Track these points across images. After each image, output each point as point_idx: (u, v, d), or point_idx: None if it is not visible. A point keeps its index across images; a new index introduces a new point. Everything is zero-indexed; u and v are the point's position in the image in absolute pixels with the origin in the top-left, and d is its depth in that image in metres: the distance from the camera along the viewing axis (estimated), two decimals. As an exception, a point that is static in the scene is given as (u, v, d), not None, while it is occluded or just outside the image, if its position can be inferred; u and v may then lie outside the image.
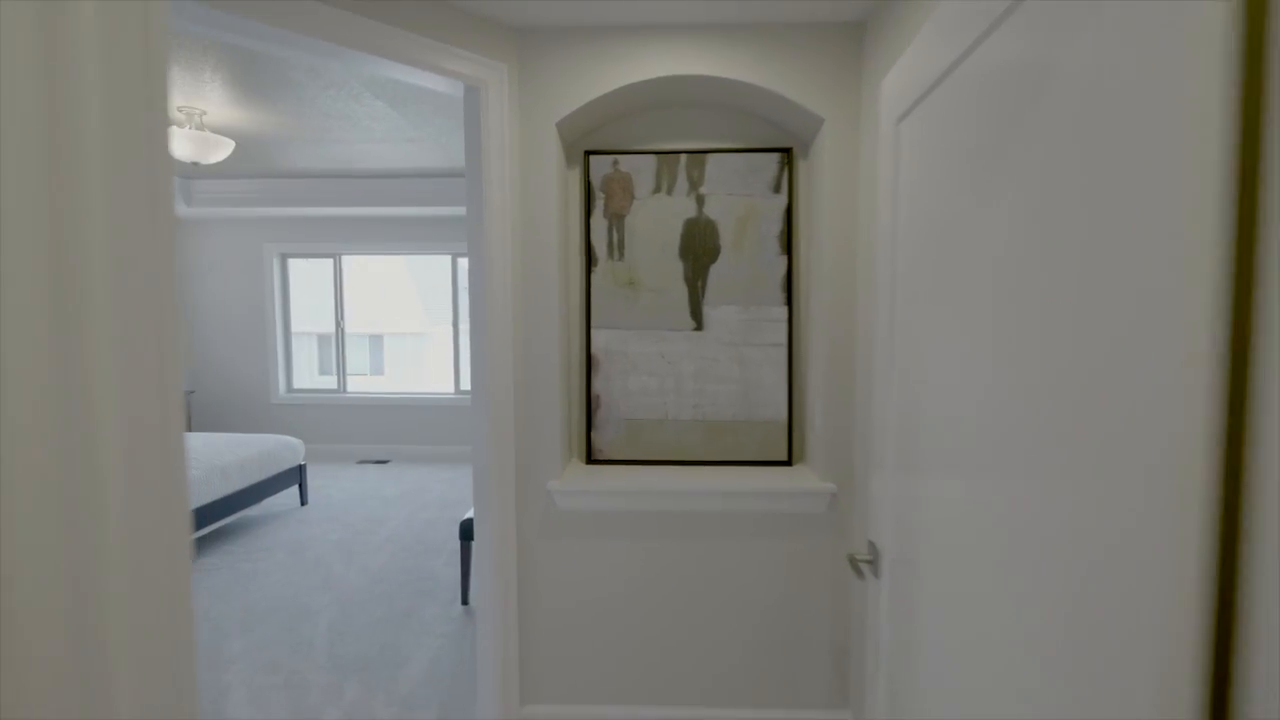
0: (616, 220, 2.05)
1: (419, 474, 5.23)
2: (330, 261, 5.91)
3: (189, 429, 5.23)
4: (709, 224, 2.04)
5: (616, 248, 2.06)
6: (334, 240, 5.75)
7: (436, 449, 5.82)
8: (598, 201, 2.05)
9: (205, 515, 3.40)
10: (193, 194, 5.13)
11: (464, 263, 5.80)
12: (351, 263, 6.03)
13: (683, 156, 2.03)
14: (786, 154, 2.01)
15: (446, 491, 4.71)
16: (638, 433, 2.07)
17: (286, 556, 3.44)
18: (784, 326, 2.03)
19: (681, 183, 2.03)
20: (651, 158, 2.04)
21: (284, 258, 5.89)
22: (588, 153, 2.05)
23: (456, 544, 3.60)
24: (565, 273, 1.99)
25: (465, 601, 2.85)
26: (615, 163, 2.04)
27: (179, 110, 3.22)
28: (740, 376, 2.05)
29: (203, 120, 3.33)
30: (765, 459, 2.05)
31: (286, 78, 2.85)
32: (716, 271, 2.04)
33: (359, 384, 6.14)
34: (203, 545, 3.56)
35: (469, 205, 1.79)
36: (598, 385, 2.07)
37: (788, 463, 2.05)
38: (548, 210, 1.86)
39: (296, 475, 4.27)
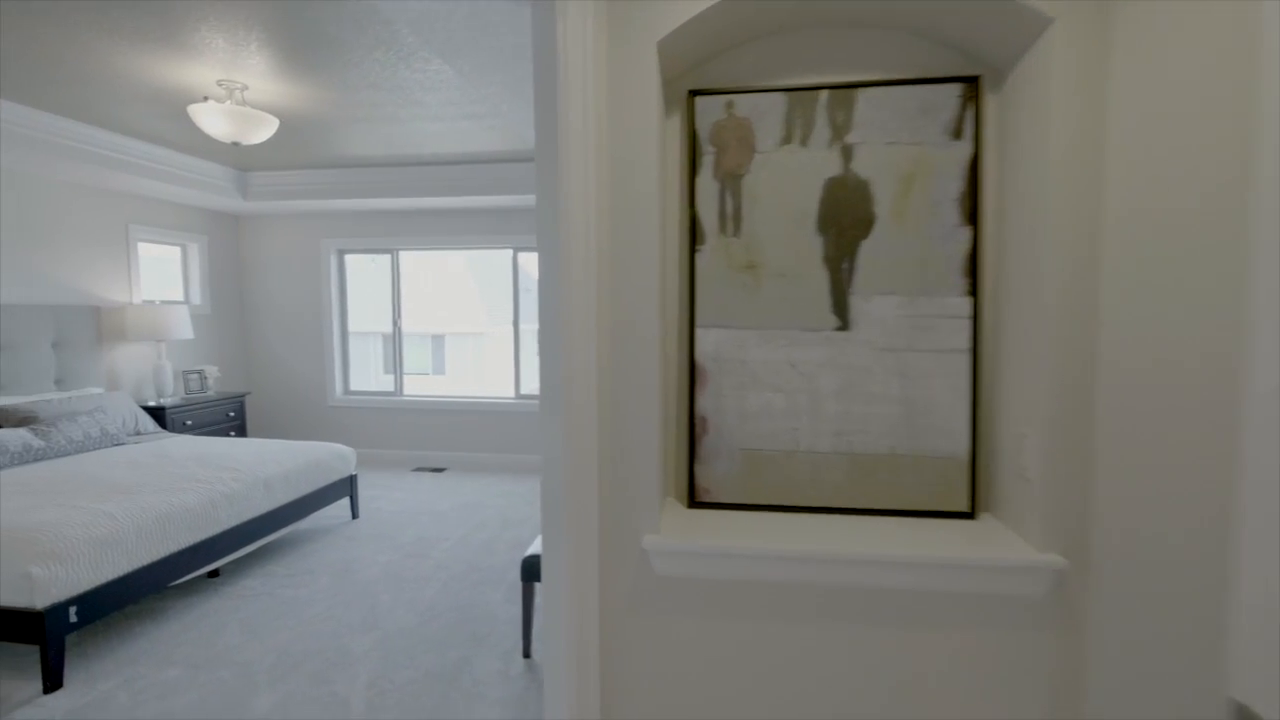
0: (730, 182, 1.53)
1: (476, 485, 4.86)
2: (388, 258, 5.65)
3: (244, 433, 5.06)
4: (859, 185, 1.49)
5: (730, 219, 1.53)
6: (391, 235, 5.48)
7: (495, 457, 5.46)
8: (705, 158, 1.54)
9: (246, 533, 3.09)
10: (248, 187, 4.94)
11: (525, 258, 5.41)
12: (410, 260, 5.75)
13: (823, 94, 1.49)
14: (972, 85, 1.44)
15: (505, 507, 4.30)
16: (758, 468, 1.54)
17: (331, 582, 3.09)
18: (965, 325, 1.46)
19: (821, 129, 1.49)
20: (779, 97, 1.50)
21: (341, 254, 5.67)
22: (693, 93, 1.53)
23: (516, 573, 3.17)
24: (662, 254, 1.48)
25: (527, 654, 2.39)
26: (729, 105, 1.52)
27: (219, 85, 2.91)
28: (902, 394, 1.49)
29: (244, 96, 3.02)
30: (936, 508, 1.48)
31: (331, 39, 2.48)
32: (870, 250, 1.49)
33: (419, 385, 5.88)
34: (243, 566, 3.26)
35: (539, 162, 1.30)
36: (704, 403, 1.55)
37: (969, 514, 1.47)
38: (645, 165, 1.36)
39: (347, 487, 3.95)
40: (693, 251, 1.55)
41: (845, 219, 1.49)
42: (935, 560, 1.29)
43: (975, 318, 1.45)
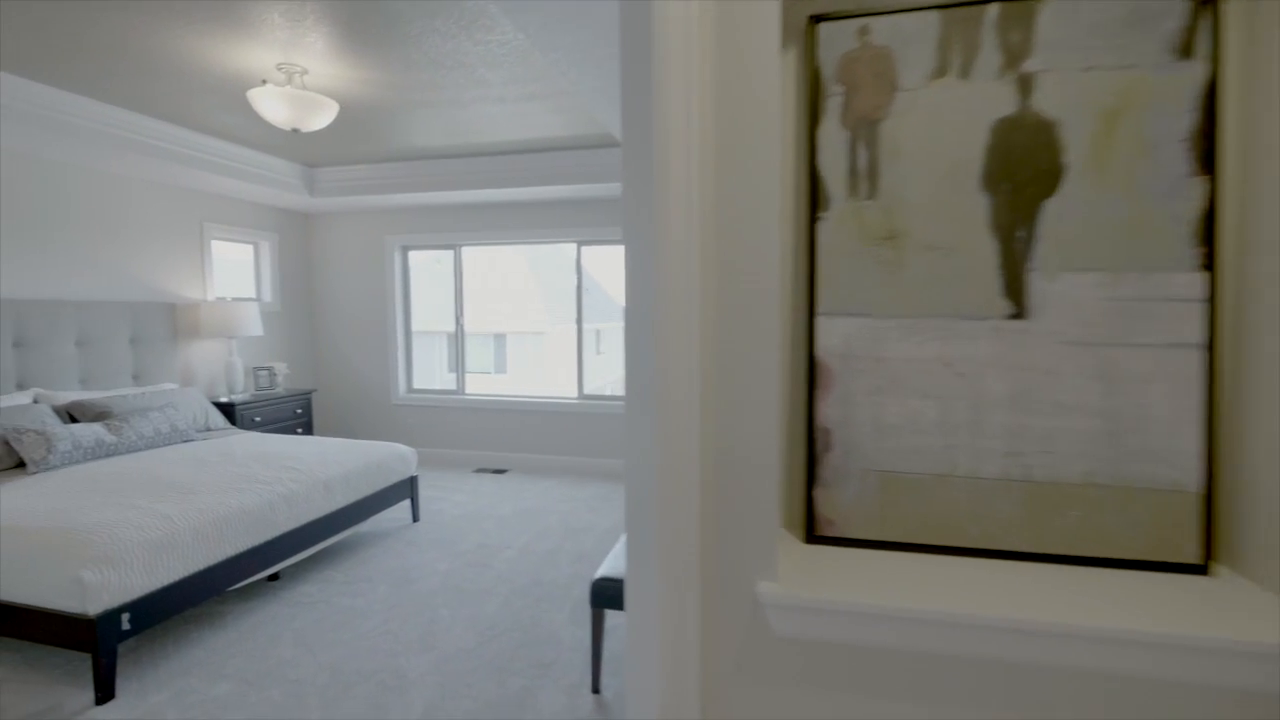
0: (864, 130, 1.20)
1: (539, 489, 4.66)
2: (450, 253, 5.55)
3: (310, 430, 5.05)
4: (1042, 126, 1.13)
5: (864, 178, 1.20)
6: (453, 230, 5.37)
7: (557, 459, 5.26)
8: (830, 101, 1.21)
9: (305, 537, 2.97)
10: (315, 183, 4.93)
11: (591, 251, 5.19)
12: (472, 259, 5.63)
13: (991, 7, 1.14)
14: (1209, -17, 1.05)
15: (568, 514, 4.08)
16: (898, 496, 1.20)
17: (389, 591, 2.92)
18: (1198, 310, 1.07)
19: (989, 55, 1.14)
20: (931, 16, 1.16)
21: (405, 250, 5.61)
22: (814, 19, 1.21)
23: (581, 590, 2.92)
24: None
25: (596, 689, 2.12)
26: (863, 31, 1.19)
27: (278, 69, 2.79)
28: (1102, 404, 1.11)
29: (304, 80, 2.90)
30: (1151, 557, 1.10)
31: (389, 9, 2.29)
32: (1056, 211, 1.12)
33: (481, 384, 5.77)
34: (302, 570, 3.15)
35: (626, 107, 1.01)
36: (827, 412, 1.23)
37: (1200, 568, 1.09)
38: (761, 111, 1.05)
39: (408, 489, 3.82)
40: (812, 220, 1.23)
41: (1022, 172, 1.13)
42: (1154, 637, 0.92)
43: (1212, 301, 1.07)
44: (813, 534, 1.24)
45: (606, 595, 2.05)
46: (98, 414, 3.52)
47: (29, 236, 3.59)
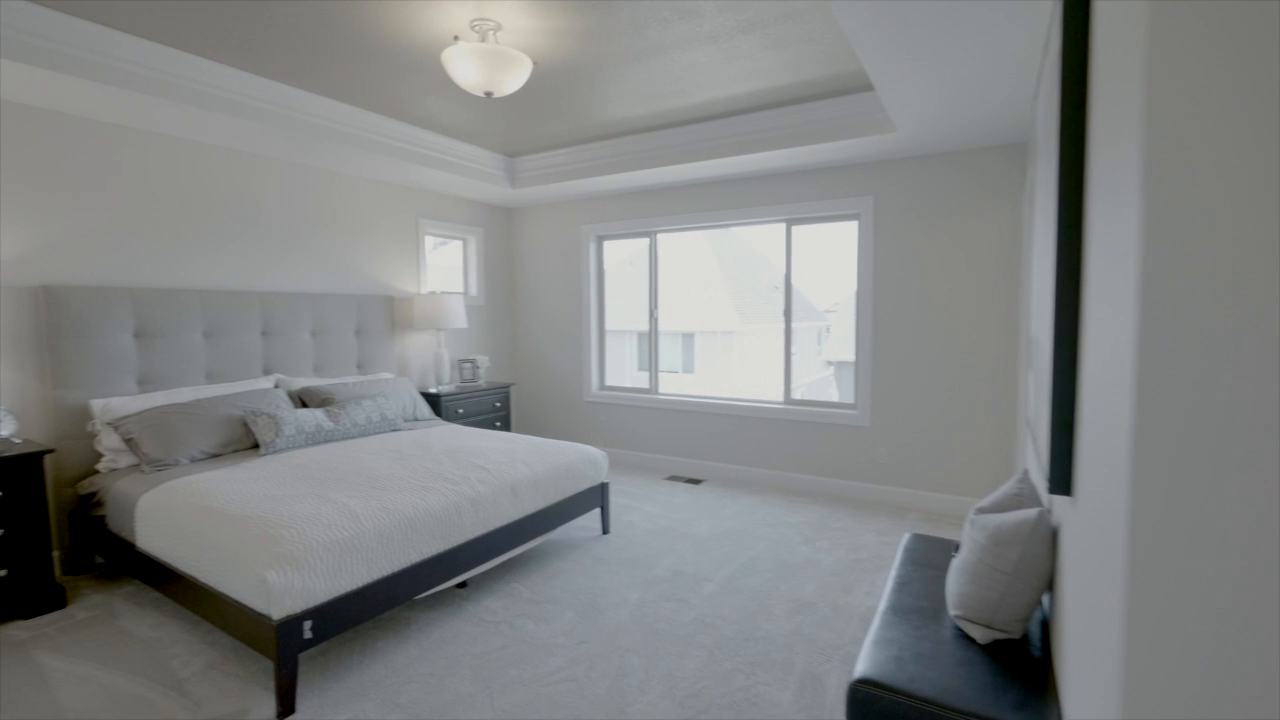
0: None
1: (739, 507, 4.03)
2: (645, 242, 5.17)
3: (508, 424, 5.01)
4: None
5: None
6: (649, 216, 4.97)
7: (759, 472, 4.58)
8: None
9: (490, 545, 2.69)
10: (516, 174, 4.86)
11: (801, 231, 4.42)
12: (665, 253, 5.19)
13: None
14: None
15: (777, 543, 3.38)
16: None
17: (575, 620, 2.51)
18: None
19: None
20: None
21: (600, 240, 5.37)
22: None
23: (805, 656, 2.21)
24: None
25: None
26: None
27: (472, 27, 2.52)
28: None
29: (497, 38, 2.60)
30: None
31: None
32: None
33: (672, 383, 5.34)
34: (489, 580, 2.89)
35: None
36: None
37: None
38: None
39: (597, 496, 3.44)
40: None
41: None
42: None
43: None
44: None
45: (878, 712, 1.33)
46: (323, 400, 3.68)
47: (278, 234, 3.90)
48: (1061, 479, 1.24)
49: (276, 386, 3.71)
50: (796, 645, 2.30)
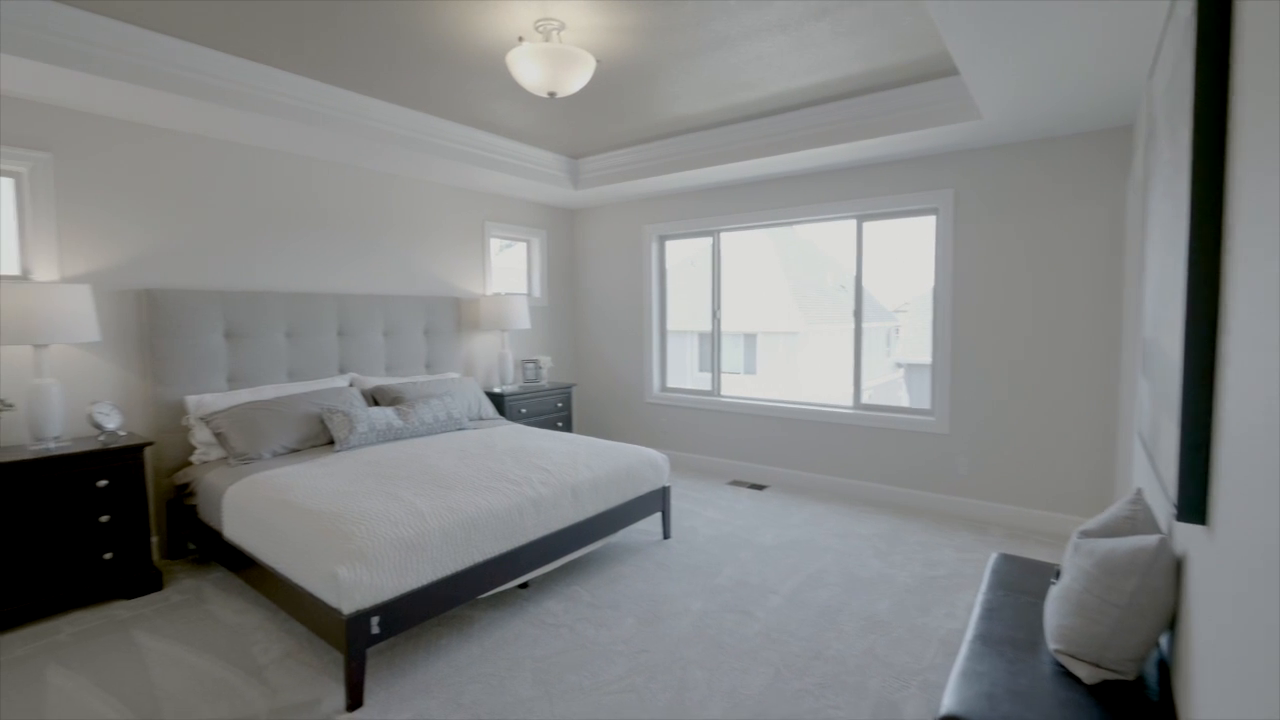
0: None
1: (805, 515, 3.88)
2: (708, 241, 5.07)
3: (569, 425, 5.04)
4: None
5: None
6: (712, 215, 4.87)
7: (826, 480, 4.40)
8: None
9: (551, 547, 2.68)
10: (579, 175, 4.87)
11: (871, 227, 4.22)
12: (727, 251, 5.08)
13: None
14: None
15: (846, 555, 3.22)
16: None
17: (635, 628, 2.46)
18: None
19: None
20: None
21: (662, 240, 5.31)
22: None
23: (878, 681, 2.07)
24: None
25: None
26: None
27: (536, 28, 2.52)
28: None
29: (561, 37, 2.59)
30: None
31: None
32: None
33: (734, 385, 5.23)
34: (550, 582, 2.88)
35: None
36: None
37: None
38: None
39: (659, 500, 3.38)
40: None
41: None
42: None
43: None
44: None
45: (969, 754, 1.21)
46: (393, 399, 3.80)
47: (352, 238, 4.06)
48: (1193, 505, 1.08)
49: (351, 385, 3.86)
50: (870, 667, 2.16)
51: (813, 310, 12.89)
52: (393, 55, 2.85)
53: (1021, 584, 1.87)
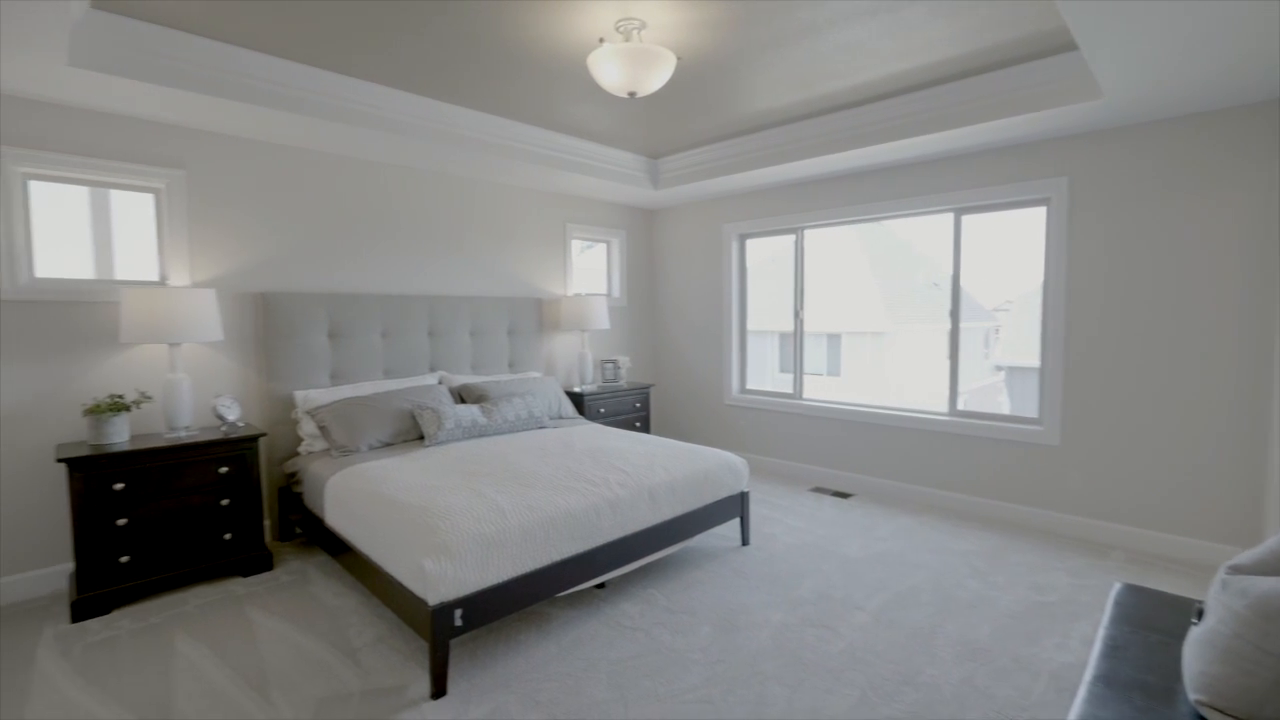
0: None
1: (894, 526, 3.67)
2: (791, 239, 4.91)
3: (647, 425, 5.03)
4: None
5: None
6: (795, 212, 4.71)
7: (917, 490, 4.15)
8: None
9: (627, 549, 2.67)
10: (659, 175, 4.85)
11: (971, 221, 3.93)
12: (811, 249, 4.90)
13: None
14: None
15: (941, 572, 3.01)
16: None
17: (711, 635, 2.41)
18: None
19: None
20: None
21: (742, 239, 5.20)
22: None
23: (977, 707, 1.91)
24: None
25: None
26: None
27: (616, 29, 2.52)
28: None
29: (641, 36, 2.57)
30: None
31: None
32: None
33: (817, 387, 5.04)
34: (626, 584, 2.88)
35: None
36: None
37: None
38: None
39: (737, 505, 3.30)
40: None
41: None
42: None
43: None
44: None
45: (1090, 813, 1.07)
46: (479, 396, 3.93)
47: (441, 242, 4.24)
48: (1389, 546, 0.90)
49: (440, 383, 4.04)
50: (969, 699, 2.00)
51: (901, 309, 12.24)
52: (478, 63, 2.94)
53: (1152, 620, 1.66)
